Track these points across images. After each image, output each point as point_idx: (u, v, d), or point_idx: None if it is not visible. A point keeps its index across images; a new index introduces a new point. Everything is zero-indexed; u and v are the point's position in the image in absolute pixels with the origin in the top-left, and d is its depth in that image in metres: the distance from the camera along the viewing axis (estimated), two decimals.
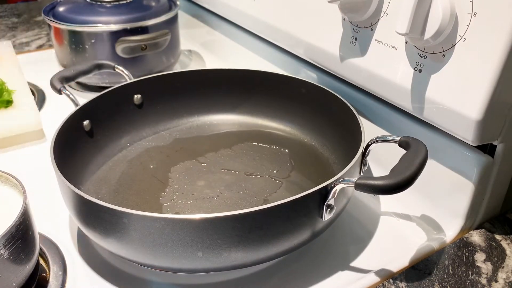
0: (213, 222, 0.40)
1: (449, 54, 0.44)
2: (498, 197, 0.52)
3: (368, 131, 0.53)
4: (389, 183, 0.40)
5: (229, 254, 0.42)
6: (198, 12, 0.98)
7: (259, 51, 0.79)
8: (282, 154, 0.62)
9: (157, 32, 0.78)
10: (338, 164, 0.58)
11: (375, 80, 0.53)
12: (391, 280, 0.45)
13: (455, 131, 0.46)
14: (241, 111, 0.69)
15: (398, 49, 0.49)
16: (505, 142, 0.47)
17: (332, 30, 0.57)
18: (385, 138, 0.50)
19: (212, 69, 0.70)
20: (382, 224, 0.54)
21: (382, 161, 0.57)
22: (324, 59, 0.60)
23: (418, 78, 0.47)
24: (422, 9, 0.42)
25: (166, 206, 0.53)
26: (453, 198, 0.51)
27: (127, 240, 0.42)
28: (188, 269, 0.44)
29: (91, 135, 0.60)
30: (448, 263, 0.47)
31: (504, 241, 0.50)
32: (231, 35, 0.87)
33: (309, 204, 0.43)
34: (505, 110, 0.44)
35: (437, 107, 0.46)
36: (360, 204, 0.57)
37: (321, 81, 0.65)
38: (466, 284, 0.44)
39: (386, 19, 0.50)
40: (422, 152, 0.43)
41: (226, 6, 0.82)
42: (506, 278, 0.45)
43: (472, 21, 0.42)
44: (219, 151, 0.63)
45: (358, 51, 0.54)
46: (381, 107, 0.57)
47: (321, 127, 0.63)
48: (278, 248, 0.44)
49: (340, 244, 0.51)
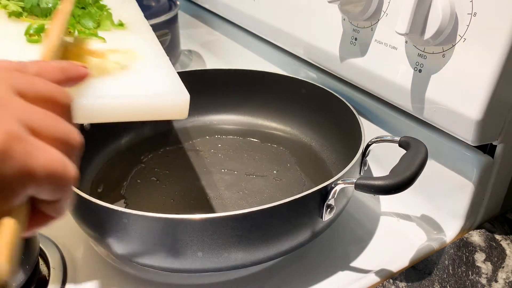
0: (213, 222, 0.40)
1: (449, 54, 0.44)
2: (498, 197, 0.52)
3: (368, 131, 0.53)
4: (389, 183, 0.40)
5: (229, 254, 0.42)
6: (198, 12, 0.98)
7: (259, 51, 0.79)
8: (282, 154, 0.62)
9: (157, 32, 0.78)
10: (338, 164, 0.58)
11: (375, 80, 0.53)
12: (391, 280, 0.45)
13: (455, 131, 0.46)
14: (241, 111, 0.69)
15: (398, 49, 0.49)
16: (505, 142, 0.47)
17: (332, 30, 0.57)
18: (385, 138, 0.50)
19: (212, 69, 0.70)
20: (382, 224, 0.54)
21: (382, 161, 0.57)
22: (324, 59, 0.60)
23: (418, 78, 0.47)
24: (422, 9, 0.42)
25: (166, 206, 0.53)
26: (453, 198, 0.51)
27: (127, 240, 0.42)
28: (188, 269, 0.44)
29: (91, 135, 0.60)
30: (448, 263, 0.47)
31: (504, 241, 0.50)
32: (231, 35, 0.87)
33: (309, 204, 0.43)
34: (505, 110, 0.44)
35: (437, 107, 0.46)
36: (360, 204, 0.57)
37: (321, 81, 0.65)
38: (466, 284, 0.44)
39: (386, 19, 0.50)
40: (422, 152, 0.43)
41: (226, 6, 0.82)
42: (506, 278, 0.45)
43: (472, 21, 0.42)
44: (219, 151, 0.63)
45: (358, 51, 0.54)
46: (381, 107, 0.57)
47: (321, 127, 0.63)
48: (278, 248, 0.44)
49: (340, 244, 0.51)
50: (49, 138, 0.24)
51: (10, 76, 0.25)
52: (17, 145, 0.21)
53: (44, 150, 0.23)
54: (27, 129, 0.23)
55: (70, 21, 0.52)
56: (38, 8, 0.53)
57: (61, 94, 0.26)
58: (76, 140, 0.25)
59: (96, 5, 0.57)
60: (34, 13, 0.54)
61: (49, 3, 0.53)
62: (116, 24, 0.57)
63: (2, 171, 0.21)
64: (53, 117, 0.25)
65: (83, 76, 0.31)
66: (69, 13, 0.44)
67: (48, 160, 0.23)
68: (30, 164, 0.22)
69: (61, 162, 0.23)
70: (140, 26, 0.59)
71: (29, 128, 0.23)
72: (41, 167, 0.22)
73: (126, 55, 0.50)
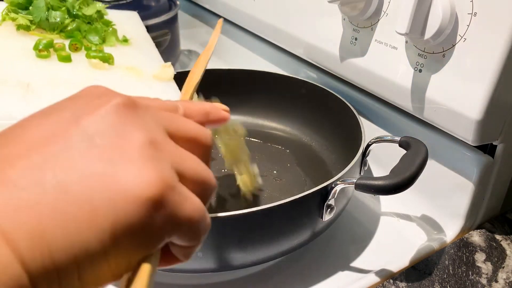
0: (213, 222, 0.40)
1: (449, 54, 0.44)
2: (498, 197, 0.52)
3: (368, 131, 0.53)
4: (389, 183, 0.40)
5: (229, 254, 0.42)
6: (198, 12, 0.98)
7: (259, 51, 0.79)
8: (282, 154, 0.62)
9: (157, 32, 0.78)
10: (338, 164, 0.58)
11: (375, 80, 0.53)
12: (391, 280, 0.45)
13: (455, 131, 0.46)
14: (241, 111, 0.69)
15: (398, 49, 0.49)
16: (505, 142, 0.47)
17: (332, 30, 0.57)
18: (385, 138, 0.50)
19: (212, 69, 0.70)
20: (382, 224, 0.54)
21: (382, 161, 0.57)
22: (324, 59, 0.60)
23: (418, 78, 0.47)
24: (422, 9, 0.42)
25: None
26: (453, 198, 0.51)
27: None
28: (188, 269, 0.44)
29: None
30: (448, 263, 0.47)
31: (504, 241, 0.50)
32: (231, 35, 0.87)
33: (309, 204, 0.43)
34: (505, 110, 0.44)
35: (437, 107, 0.46)
36: (360, 204, 0.57)
37: (321, 81, 0.65)
38: (466, 284, 0.44)
39: (386, 19, 0.50)
40: (422, 152, 0.43)
41: (226, 6, 0.82)
42: (507, 278, 0.45)
43: (472, 21, 0.41)
44: (219, 151, 0.63)
45: (358, 51, 0.54)
46: (381, 107, 0.57)
47: (321, 127, 0.63)
48: (278, 248, 0.44)
49: (340, 244, 0.51)
50: (193, 183, 0.23)
51: (164, 117, 0.24)
52: (170, 195, 0.21)
53: (190, 200, 0.22)
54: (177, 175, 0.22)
55: (77, 36, 0.54)
56: (47, 22, 0.54)
57: (205, 136, 0.26)
58: (214, 184, 0.25)
59: (101, 20, 0.58)
60: (42, 27, 0.55)
61: (57, 18, 0.54)
62: (120, 40, 0.58)
63: (153, 221, 0.20)
64: (197, 161, 0.24)
65: (225, 120, 0.30)
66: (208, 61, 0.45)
67: (193, 209, 0.22)
68: (178, 214, 0.21)
69: (202, 211, 0.23)
70: (143, 42, 0.62)
71: (179, 173, 0.22)
72: (186, 217, 0.22)
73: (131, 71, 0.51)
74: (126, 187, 0.20)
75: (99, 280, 0.20)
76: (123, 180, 0.20)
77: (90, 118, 0.21)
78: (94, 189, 0.19)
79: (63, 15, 0.54)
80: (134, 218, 0.20)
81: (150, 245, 0.21)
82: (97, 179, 0.19)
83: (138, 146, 0.21)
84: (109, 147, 0.20)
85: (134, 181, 0.20)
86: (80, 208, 0.19)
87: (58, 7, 0.55)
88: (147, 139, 0.21)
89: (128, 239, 0.20)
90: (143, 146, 0.21)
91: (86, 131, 0.21)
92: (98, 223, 0.19)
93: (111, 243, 0.19)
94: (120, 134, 0.21)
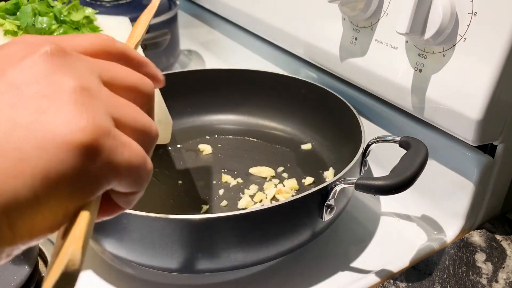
0: (213, 222, 0.40)
1: (449, 54, 0.44)
2: (499, 197, 0.52)
3: (368, 131, 0.53)
4: (389, 183, 0.40)
5: (229, 254, 0.42)
6: (198, 12, 0.98)
7: (259, 51, 0.79)
8: (282, 154, 0.62)
9: (157, 32, 0.78)
10: (338, 164, 0.58)
11: (375, 80, 0.53)
12: (391, 281, 0.45)
13: (455, 131, 0.46)
14: (241, 111, 0.69)
15: (398, 49, 0.49)
16: (506, 142, 0.47)
17: (332, 30, 0.57)
18: (385, 138, 0.50)
19: (212, 69, 0.70)
20: (382, 224, 0.54)
21: (382, 161, 0.57)
22: (324, 59, 0.60)
23: (418, 78, 0.47)
24: (422, 9, 0.42)
25: (166, 206, 0.53)
26: (454, 198, 0.51)
27: (127, 240, 0.42)
28: (188, 269, 0.44)
29: None
30: (448, 264, 0.47)
31: (504, 241, 0.50)
32: (231, 35, 0.87)
33: (309, 205, 0.43)
34: (506, 110, 0.44)
35: (437, 107, 0.46)
36: (360, 204, 0.57)
37: (321, 81, 0.65)
38: (466, 284, 0.44)
39: (386, 19, 0.50)
40: (423, 152, 0.43)
41: (226, 6, 0.81)
42: (507, 279, 0.45)
43: (472, 21, 0.41)
44: (219, 151, 0.63)
45: (358, 51, 0.54)
46: (381, 107, 0.57)
47: (321, 127, 0.63)
48: (278, 248, 0.44)
49: (340, 244, 0.51)
50: (132, 130, 0.23)
51: (98, 65, 0.24)
52: (105, 141, 0.20)
53: (129, 145, 0.22)
54: (113, 122, 0.22)
55: None
56: (33, 28, 0.55)
57: (145, 84, 0.25)
58: (155, 133, 0.25)
59: (89, 26, 0.58)
60: (29, 33, 0.55)
61: (43, 24, 0.54)
62: None
63: (88, 167, 0.20)
64: (136, 109, 0.24)
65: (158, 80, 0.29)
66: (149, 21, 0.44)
67: (131, 155, 0.22)
68: (116, 160, 0.21)
69: (142, 157, 0.23)
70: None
71: (115, 120, 0.22)
72: (125, 163, 0.21)
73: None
74: (56, 134, 0.19)
75: (33, 231, 0.20)
76: (53, 127, 0.20)
77: (16, 69, 0.21)
78: (23, 138, 0.19)
79: (50, 21, 0.54)
80: (67, 164, 0.19)
81: (86, 192, 0.21)
82: (27, 128, 0.19)
83: (68, 93, 0.21)
84: (38, 96, 0.20)
85: (65, 127, 0.20)
86: (7, 158, 0.19)
87: (45, 12, 0.55)
88: (78, 85, 0.21)
89: (62, 186, 0.20)
90: (74, 92, 0.21)
91: (13, 82, 0.20)
92: (27, 171, 0.19)
93: (44, 190, 0.19)
94: (49, 82, 0.21)
